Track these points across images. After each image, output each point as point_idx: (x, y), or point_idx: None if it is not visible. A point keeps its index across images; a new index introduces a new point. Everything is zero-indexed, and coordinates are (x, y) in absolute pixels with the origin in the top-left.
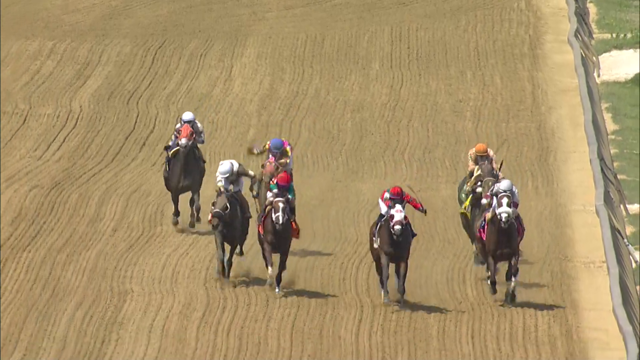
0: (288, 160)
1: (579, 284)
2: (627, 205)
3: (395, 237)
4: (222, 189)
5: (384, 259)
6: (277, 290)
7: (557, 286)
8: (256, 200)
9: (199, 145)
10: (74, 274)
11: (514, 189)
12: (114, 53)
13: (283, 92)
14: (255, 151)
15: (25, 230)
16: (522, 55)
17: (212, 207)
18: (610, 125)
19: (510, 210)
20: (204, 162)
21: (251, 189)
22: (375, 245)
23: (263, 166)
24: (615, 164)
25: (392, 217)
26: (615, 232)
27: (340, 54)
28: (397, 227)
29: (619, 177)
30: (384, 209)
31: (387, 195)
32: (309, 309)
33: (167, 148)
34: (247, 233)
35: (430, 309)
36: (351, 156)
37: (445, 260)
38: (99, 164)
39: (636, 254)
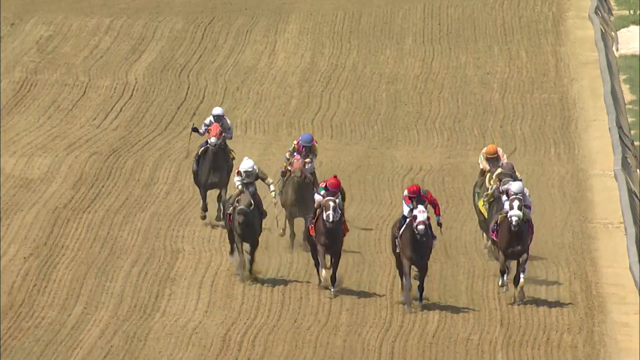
0: (314, 159)
1: (598, 243)
2: None
3: (418, 236)
4: (243, 189)
5: (406, 264)
6: (331, 290)
7: (578, 245)
8: (279, 198)
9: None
10: (130, 234)
11: (525, 191)
12: (166, 29)
13: (323, 65)
14: (287, 156)
15: (85, 194)
16: (546, 31)
17: (236, 204)
18: (627, 96)
19: (520, 213)
20: (233, 158)
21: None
22: (398, 250)
23: (290, 163)
24: (632, 132)
25: (415, 217)
26: (632, 195)
27: (376, 30)
28: (421, 227)
29: (635, 144)
30: (406, 210)
31: (405, 193)
32: (347, 267)
33: (194, 130)
34: (261, 231)
35: (459, 267)
36: (386, 125)
37: (474, 223)
38: (152, 132)
39: None
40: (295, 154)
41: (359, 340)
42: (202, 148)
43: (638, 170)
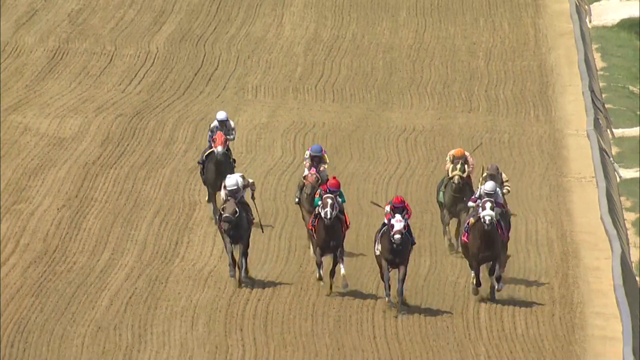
0: (326, 166)
1: (573, 195)
2: (613, 130)
3: (395, 245)
4: (229, 198)
5: (384, 265)
6: (346, 285)
7: (554, 197)
8: (300, 207)
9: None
10: (152, 188)
11: (498, 191)
12: (184, 3)
13: (325, 36)
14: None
15: (112, 151)
16: (526, 4)
17: (222, 212)
18: (599, 63)
19: (492, 213)
20: (234, 161)
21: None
22: (377, 253)
23: (305, 177)
24: (603, 96)
25: (392, 226)
26: (603, 152)
27: (374, 3)
28: (397, 236)
29: (606, 106)
30: (385, 220)
31: (387, 208)
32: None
33: (203, 158)
34: (249, 234)
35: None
36: (382, 90)
37: None
38: (172, 96)
39: (620, 171)
40: (309, 167)
41: (357, 285)
42: (207, 152)
43: (608, 130)
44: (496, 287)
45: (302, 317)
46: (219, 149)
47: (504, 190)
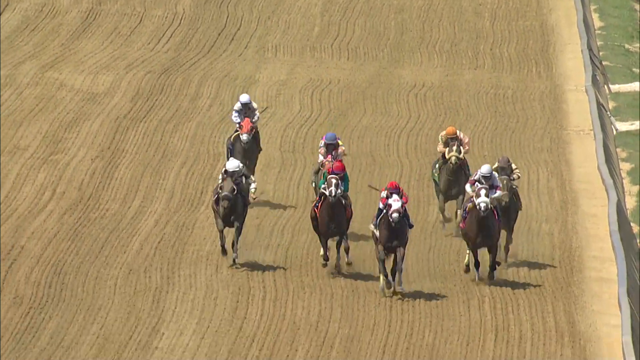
0: (344, 149)
1: (572, 147)
2: (610, 85)
3: (393, 224)
4: (225, 175)
5: (381, 250)
6: (348, 259)
7: (555, 149)
8: (314, 189)
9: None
10: (179, 140)
11: (494, 174)
12: None
13: None
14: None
15: (142, 106)
16: None
17: (220, 191)
18: (597, 23)
19: (488, 200)
20: (260, 150)
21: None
22: (376, 233)
23: (322, 165)
24: (600, 53)
25: (389, 206)
26: (600, 106)
27: None
28: (395, 215)
29: (603, 63)
30: (381, 205)
31: (383, 194)
32: (360, 168)
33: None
34: (245, 216)
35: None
36: (394, 48)
37: (467, 131)
38: (197, 54)
39: (616, 124)
40: (320, 156)
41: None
42: (234, 135)
43: (605, 86)
44: (495, 271)
45: (319, 262)
46: (245, 136)
47: (514, 176)
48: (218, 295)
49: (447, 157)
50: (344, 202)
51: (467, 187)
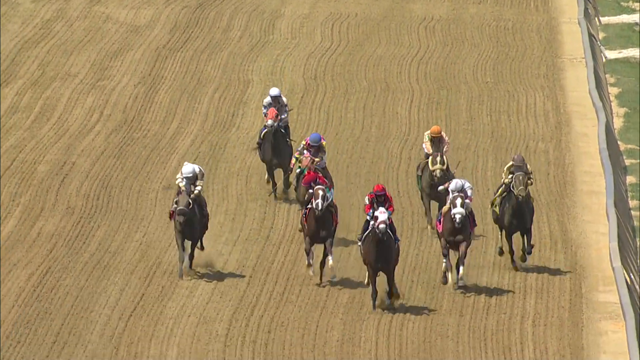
0: (324, 157)
1: (566, 73)
2: (600, 18)
3: (380, 235)
4: (183, 188)
5: (371, 270)
6: (334, 276)
7: (550, 75)
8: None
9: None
10: (212, 68)
11: (466, 185)
12: None
13: None
14: (293, 160)
15: (179, 37)
16: None
17: (175, 206)
18: None
19: (463, 210)
20: (291, 141)
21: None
22: (362, 252)
23: (300, 160)
24: None
25: (376, 218)
26: (592, 37)
27: None
28: (382, 226)
29: None
30: (367, 216)
31: (366, 200)
32: (376, 93)
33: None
34: (206, 228)
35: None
36: None
37: (471, 59)
38: None
39: (606, 52)
40: (305, 152)
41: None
42: (263, 132)
43: (596, 18)
44: (461, 271)
45: (338, 177)
46: (270, 122)
47: (529, 182)
48: (247, 207)
49: (431, 169)
50: (331, 211)
51: (441, 188)
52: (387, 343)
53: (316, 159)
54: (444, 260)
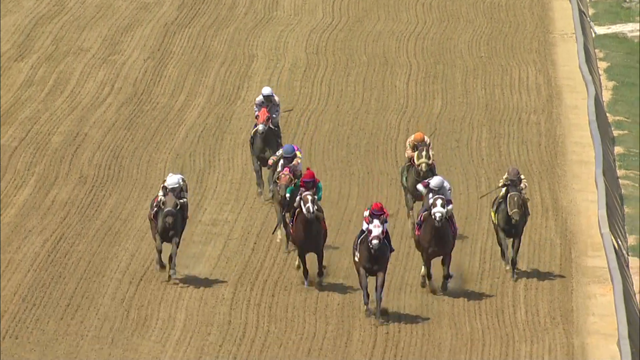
0: (299, 161)
1: (557, 48)
2: None
3: (373, 250)
4: (167, 191)
5: (362, 273)
6: (321, 280)
7: (542, 50)
8: (273, 200)
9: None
10: (218, 43)
11: (446, 185)
12: None
13: None
14: (270, 162)
15: (187, 13)
16: None
17: (163, 207)
18: None
19: (444, 210)
20: (280, 138)
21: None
22: (356, 259)
23: (278, 178)
24: None
25: (370, 232)
26: (582, 13)
27: None
28: (375, 242)
29: None
30: (365, 225)
31: (366, 213)
32: (375, 67)
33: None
34: (183, 230)
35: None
36: None
37: (466, 35)
38: None
39: (595, 28)
40: (281, 163)
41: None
42: (253, 130)
43: None
44: (447, 281)
45: (339, 147)
46: (261, 127)
47: (522, 186)
48: (252, 177)
49: (417, 163)
50: (319, 217)
51: (419, 187)
52: (385, 302)
53: (293, 163)
54: (424, 264)
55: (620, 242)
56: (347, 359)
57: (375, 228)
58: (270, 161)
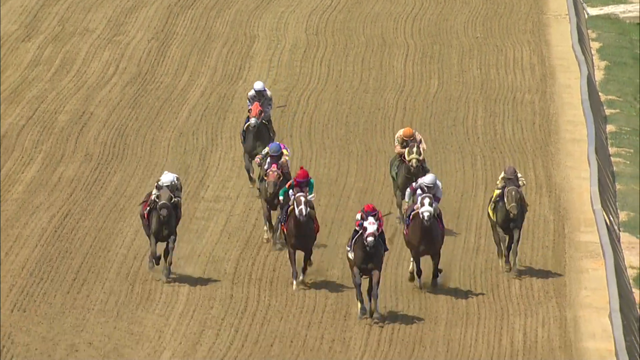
0: (287, 159)
1: (550, 29)
2: None
3: (368, 248)
4: (162, 184)
5: (357, 272)
6: (301, 276)
7: (536, 31)
8: (260, 198)
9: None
10: (220, 24)
11: (437, 183)
12: None
13: None
14: (257, 161)
15: None
16: None
17: (157, 200)
18: None
19: (431, 209)
20: (274, 133)
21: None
22: (350, 257)
23: (266, 175)
24: None
25: (365, 229)
26: None
27: None
28: (370, 239)
29: None
30: (357, 226)
31: (358, 216)
32: (373, 48)
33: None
34: (176, 227)
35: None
36: None
37: (462, 16)
38: None
39: (588, 9)
40: (268, 161)
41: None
42: (246, 124)
43: None
44: (437, 278)
45: (338, 126)
46: (253, 120)
47: (520, 183)
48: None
49: (407, 159)
50: (312, 214)
51: (407, 193)
52: (383, 281)
53: (281, 161)
54: (412, 260)
55: (612, 218)
56: (346, 332)
57: (370, 225)
58: (256, 159)
